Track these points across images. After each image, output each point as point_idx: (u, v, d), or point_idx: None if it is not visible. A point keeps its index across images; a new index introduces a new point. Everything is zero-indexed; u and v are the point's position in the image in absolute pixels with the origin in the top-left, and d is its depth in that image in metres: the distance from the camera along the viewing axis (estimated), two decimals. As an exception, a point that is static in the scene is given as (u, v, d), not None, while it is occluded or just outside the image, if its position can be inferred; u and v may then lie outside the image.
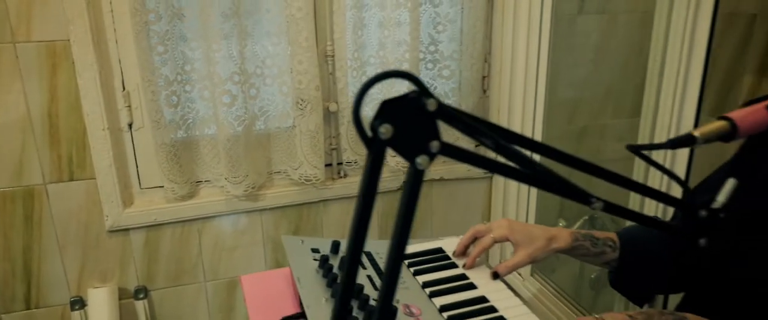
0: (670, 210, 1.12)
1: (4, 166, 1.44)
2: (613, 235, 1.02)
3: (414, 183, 0.49)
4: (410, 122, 0.47)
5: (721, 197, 0.67)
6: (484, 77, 1.79)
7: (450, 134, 0.52)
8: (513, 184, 1.81)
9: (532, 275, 1.77)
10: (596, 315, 0.81)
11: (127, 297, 1.64)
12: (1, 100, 1.40)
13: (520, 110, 1.70)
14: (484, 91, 1.81)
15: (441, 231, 1.90)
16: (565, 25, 1.77)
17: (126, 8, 1.41)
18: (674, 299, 1.17)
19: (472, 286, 0.96)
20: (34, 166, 1.46)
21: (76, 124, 1.46)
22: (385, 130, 0.46)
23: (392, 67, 1.64)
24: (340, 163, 1.73)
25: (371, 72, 1.67)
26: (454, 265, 1.03)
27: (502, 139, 0.50)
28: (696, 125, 1.16)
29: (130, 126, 1.53)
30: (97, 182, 1.51)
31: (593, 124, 1.90)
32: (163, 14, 1.44)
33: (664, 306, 1.25)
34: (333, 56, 1.62)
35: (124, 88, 1.50)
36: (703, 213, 0.65)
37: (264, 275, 1.10)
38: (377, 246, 1.08)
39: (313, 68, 1.55)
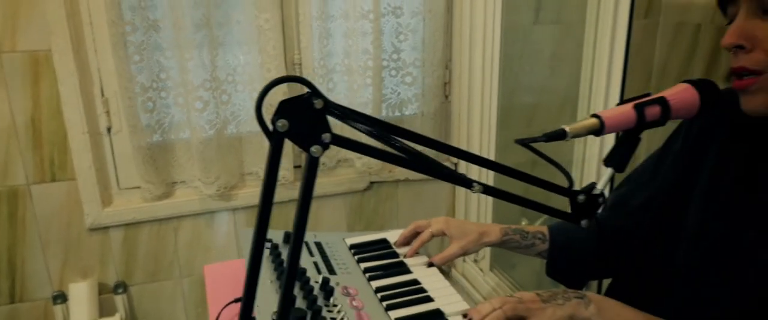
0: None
1: (-10, 168, 1.54)
2: (543, 229, 1.12)
3: (310, 168, 0.59)
4: (304, 118, 0.57)
5: (600, 184, 0.77)
6: (445, 83, 1.90)
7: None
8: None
9: (491, 270, 1.87)
10: (510, 294, 0.91)
11: (106, 292, 1.74)
12: (-13, 106, 1.50)
13: (479, 114, 1.81)
14: (446, 97, 1.92)
15: (407, 230, 2.00)
16: (522, 35, 1.88)
17: (104, 20, 1.51)
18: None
19: (407, 272, 1.06)
20: (18, 168, 1.56)
21: (57, 129, 1.56)
22: (282, 125, 0.56)
23: (356, 74, 1.74)
24: (309, 165, 1.83)
25: (337, 79, 1.77)
26: (395, 255, 1.13)
27: (383, 130, 0.61)
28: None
29: (108, 130, 1.64)
30: (77, 183, 1.61)
31: (552, 127, 2.01)
32: (139, 26, 1.55)
33: (598, 290, 1.35)
34: (300, 64, 1.72)
35: (103, 95, 1.60)
36: (582, 198, 0.76)
37: (224, 264, 1.20)
38: (327, 236, 1.18)
39: (281, 75, 1.66)
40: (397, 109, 1.89)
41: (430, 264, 1.08)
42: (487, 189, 0.67)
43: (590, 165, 1.39)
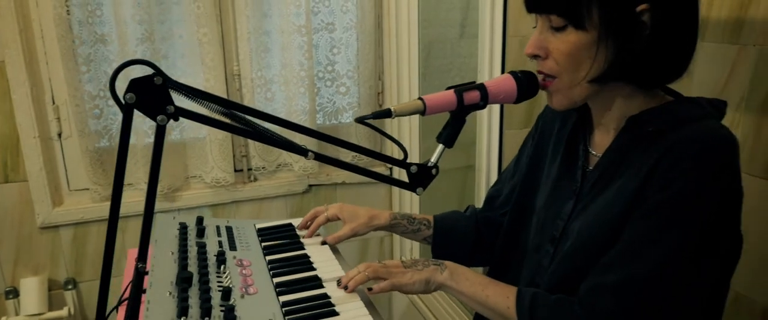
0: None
1: (-53, 170, 1.68)
2: (429, 216, 1.25)
3: (159, 134, 0.73)
4: (150, 92, 0.72)
5: (433, 158, 0.92)
6: (378, 93, 2.05)
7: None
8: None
9: (421, 266, 1.99)
10: (378, 262, 1.04)
11: (57, 288, 1.86)
12: (-55, 112, 1.64)
13: (407, 122, 1.95)
14: (380, 106, 2.07)
15: (346, 231, 2.13)
16: (449, 48, 2.04)
17: (54, 34, 1.66)
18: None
19: (301, 248, 1.19)
20: (-27, 170, 1.69)
21: (10, 133, 1.70)
22: (130, 98, 0.70)
23: (292, 84, 1.89)
24: (250, 169, 1.98)
25: (276, 89, 1.92)
26: (296, 236, 1.26)
27: (222, 106, 0.75)
28: (501, 129, 1.43)
29: (59, 135, 1.77)
30: (29, 184, 1.74)
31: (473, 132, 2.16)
32: (86, 39, 1.70)
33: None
34: (239, 75, 1.87)
35: (54, 102, 1.75)
36: (414, 169, 0.90)
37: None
38: (240, 222, 1.31)
39: (220, 85, 1.81)
40: (334, 116, 2.04)
41: (323, 243, 1.21)
42: (318, 156, 0.81)
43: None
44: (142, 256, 0.78)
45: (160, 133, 0.73)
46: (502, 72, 1.36)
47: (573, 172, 0.97)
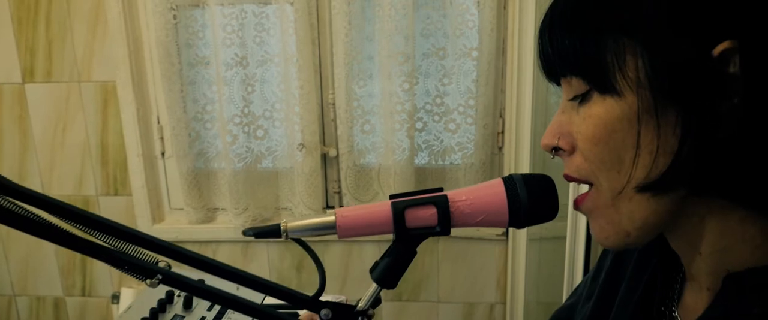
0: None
1: (70, 179, 1.81)
2: None
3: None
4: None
5: (363, 301, 0.61)
6: (498, 133, 1.69)
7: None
8: (522, 247, 1.66)
9: None
10: None
11: (155, 300, 1.90)
12: (70, 127, 1.76)
13: (528, 170, 1.56)
14: (500, 148, 1.70)
15: (447, 294, 1.82)
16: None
17: (160, 57, 1.67)
18: None
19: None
20: (89, 181, 1.80)
21: (120, 150, 1.77)
22: None
23: (392, 117, 1.65)
24: (341, 206, 1.78)
25: (375, 121, 1.70)
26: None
27: (46, 210, 0.55)
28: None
29: (162, 154, 1.80)
30: (133, 199, 1.80)
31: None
32: (188, 62, 1.68)
33: None
34: (334, 104, 1.69)
35: (158, 122, 1.77)
36: (326, 313, 0.60)
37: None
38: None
39: (310, 114, 1.65)
40: (441, 157, 1.73)
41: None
42: (166, 279, 0.57)
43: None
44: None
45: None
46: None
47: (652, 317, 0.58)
